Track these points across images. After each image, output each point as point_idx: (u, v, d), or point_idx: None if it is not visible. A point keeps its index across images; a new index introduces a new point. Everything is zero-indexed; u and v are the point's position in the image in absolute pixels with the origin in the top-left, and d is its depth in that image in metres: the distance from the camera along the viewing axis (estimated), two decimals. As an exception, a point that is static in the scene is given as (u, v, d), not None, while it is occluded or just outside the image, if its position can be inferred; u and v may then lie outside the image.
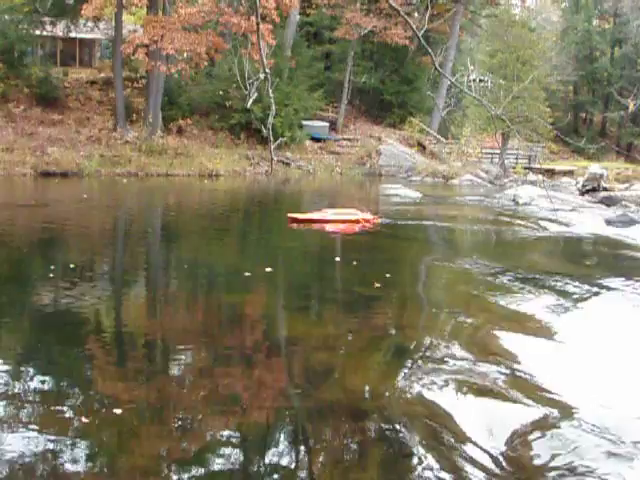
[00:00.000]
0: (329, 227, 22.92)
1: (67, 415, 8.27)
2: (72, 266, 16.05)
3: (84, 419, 8.17)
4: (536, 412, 8.74)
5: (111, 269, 17.54)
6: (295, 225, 22.77)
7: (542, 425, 8.36)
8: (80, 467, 7.11)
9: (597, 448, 7.74)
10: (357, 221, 23.46)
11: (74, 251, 18.94)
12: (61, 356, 10.34)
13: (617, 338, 11.73)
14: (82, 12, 36.50)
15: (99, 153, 37.13)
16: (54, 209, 25.72)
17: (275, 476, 7.31)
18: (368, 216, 23.95)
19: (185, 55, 39.05)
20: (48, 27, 44.18)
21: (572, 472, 7.31)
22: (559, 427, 8.27)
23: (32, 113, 40.77)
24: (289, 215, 23.30)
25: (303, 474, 7.37)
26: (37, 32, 43.90)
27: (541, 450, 7.75)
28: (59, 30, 45.34)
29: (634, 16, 70.56)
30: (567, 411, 8.75)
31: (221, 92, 43.51)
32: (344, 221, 23.46)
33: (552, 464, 7.48)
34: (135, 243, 21.07)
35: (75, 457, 7.26)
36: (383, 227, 23.26)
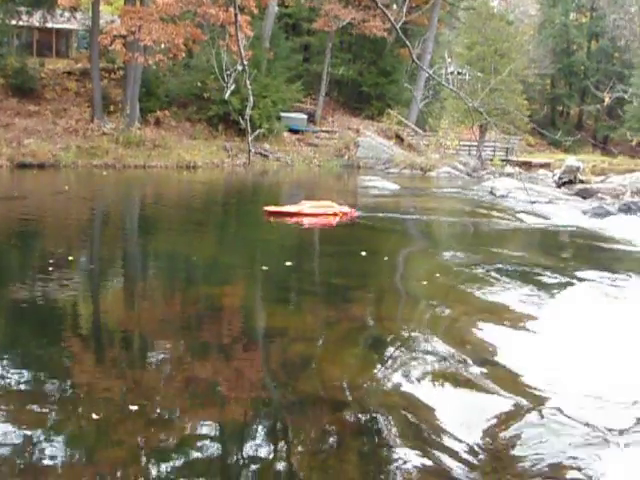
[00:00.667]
0: (306, 220, 22.61)
1: (44, 407, 8.26)
2: (50, 259, 16.00)
3: (62, 411, 8.17)
4: (513, 402, 8.80)
5: (93, 261, 17.46)
6: (272, 219, 22.43)
7: (519, 415, 8.41)
8: (58, 459, 7.10)
9: (574, 437, 7.79)
10: (335, 214, 23.08)
11: (54, 243, 18.84)
12: (38, 348, 10.31)
13: (592, 329, 11.81)
14: (59, 2, 36.29)
15: (76, 144, 36.91)
16: (34, 201, 25.60)
17: (253, 467, 7.33)
18: (346, 209, 23.56)
19: (163, 46, 38.87)
20: (24, 17, 43.75)
21: (549, 461, 7.36)
22: (536, 417, 8.32)
23: (8, 104, 40.44)
24: (265, 209, 22.87)
25: (281, 465, 7.39)
26: (13, 22, 43.42)
27: (518, 440, 7.81)
28: (35, 20, 44.92)
29: (611, 10, 71.09)
30: (543, 401, 8.81)
31: (199, 84, 43.40)
32: (322, 214, 23.07)
33: (529, 454, 7.53)
34: (116, 235, 21.02)
35: (53, 449, 7.25)
36: (362, 220, 23.23)
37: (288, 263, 16.22)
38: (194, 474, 7.08)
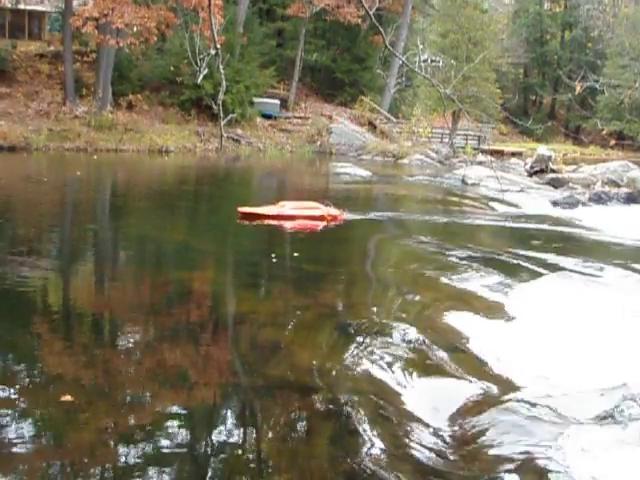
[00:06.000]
0: (288, 225, 20.04)
1: (13, 392, 8.21)
2: (20, 242, 15.91)
3: (31, 395, 8.14)
4: (482, 389, 8.85)
5: (65, 244, 17.39)
6: (247, 222, 19.86)
7: (487, 402, 8.47)
8: (26, 443, 7.07)
9: (542, 425, 7.83)
10: (322, 217, 20.34)
11: (24, 227, 18.72)
12: (7, 333, 10.25)
13: (562, 317, 11.89)
14: (31, -17, 35.95)
15: (48, 127, 36.67)
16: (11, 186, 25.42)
17: (222, 452, 7.34)
18: (334, 211, 20.70)
19: (135, 29, 38.54)
20: (-4, -2, 43.45)
21: (516, 448, 7.41)
22: (504, 404, 8.37)
23: (-21, 86, 40.15)
24: (240, 210, 20.07)
25: (250, 450, 7.40)
26: (-16, 3, 43.13)
27: (486, 427, 7.85)
28: (7, 1, 44.54)
29: (584, 0, 71.25)
30: (512, 388, 8.88)
31: (172, 68, 43.08)
32: (306, 217, 20.37)
33: (497, 440, 7.58)
34: (95, 220, 20.93)
35: (21, 433, 7.21)
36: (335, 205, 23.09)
37: (259, 248, 16.19)
38: (162, 458, 7.07)
